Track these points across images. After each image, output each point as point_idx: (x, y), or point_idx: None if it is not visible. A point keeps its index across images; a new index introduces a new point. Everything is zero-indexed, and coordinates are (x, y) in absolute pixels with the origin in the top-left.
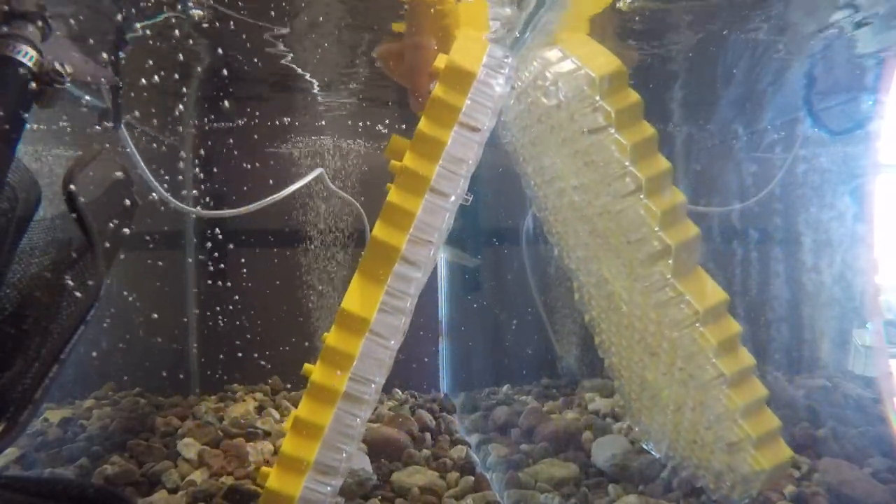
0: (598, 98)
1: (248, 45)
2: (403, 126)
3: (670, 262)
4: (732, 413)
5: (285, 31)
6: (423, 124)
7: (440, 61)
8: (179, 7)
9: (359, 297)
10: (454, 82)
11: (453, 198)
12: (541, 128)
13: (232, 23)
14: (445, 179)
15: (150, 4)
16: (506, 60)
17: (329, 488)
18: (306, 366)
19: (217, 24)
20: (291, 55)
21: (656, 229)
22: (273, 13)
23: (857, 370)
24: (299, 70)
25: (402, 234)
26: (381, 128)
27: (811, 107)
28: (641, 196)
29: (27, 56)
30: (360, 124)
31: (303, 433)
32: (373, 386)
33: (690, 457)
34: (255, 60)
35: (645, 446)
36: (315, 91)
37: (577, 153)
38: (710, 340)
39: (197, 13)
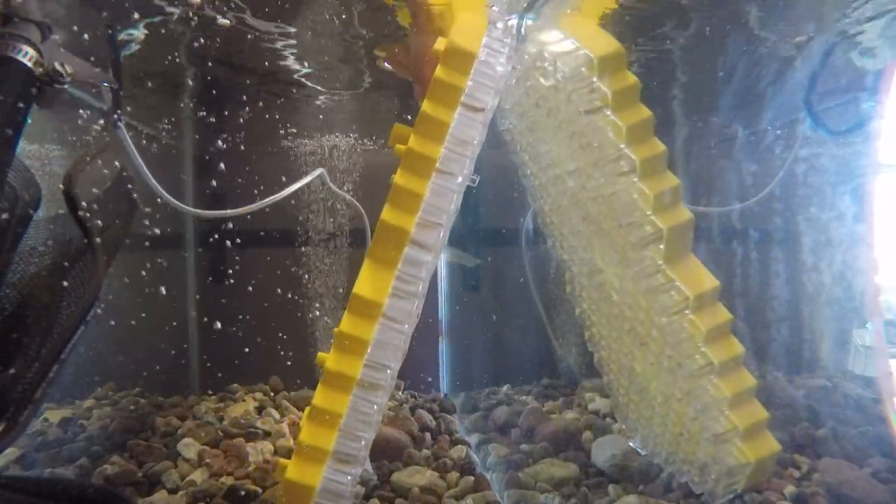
0: (595, 79)
1: (250, 43)
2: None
3: (662, 246)
4: (720, 403)
5: (289, 28)
6: (426, 106)
7: (440, 43)
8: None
9: (370, 282)
10: (455, 63)
11: (460, 179)
12: (538, 112)
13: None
14: (451, 161)
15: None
16: (506, 40)
17: (349, 477)
18: (320, 354)
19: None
20: (294, 52)
21: (649, 213)
22: (269, 12)
23: (857, 370)
24: (301, 66)
25: (411, 217)
26: (384, 124)
27: (811, 107)
28: (635, 179)
29: (27, 56)
30: (363, 121)
31: (320, 422)
32: (388, 371)
33: (677, 451)
34: (258, 58)
35: (632, 444)
36: (315, 86)
37: (573, 135)
38: (699, 328)
39: (224, 22)
